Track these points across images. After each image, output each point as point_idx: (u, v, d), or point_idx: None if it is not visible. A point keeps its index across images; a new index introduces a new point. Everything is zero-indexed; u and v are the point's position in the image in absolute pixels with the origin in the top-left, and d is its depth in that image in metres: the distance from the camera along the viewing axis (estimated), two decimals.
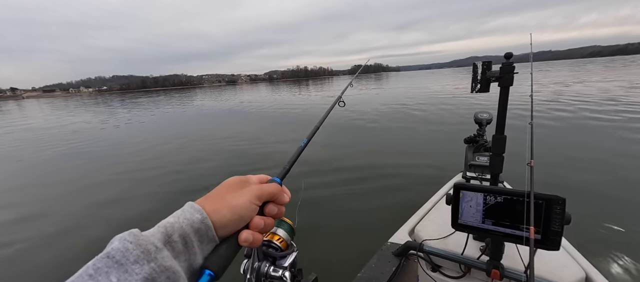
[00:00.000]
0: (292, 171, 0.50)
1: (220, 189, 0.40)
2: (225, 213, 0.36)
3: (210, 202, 0.37)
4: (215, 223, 0.35)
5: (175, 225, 0.32)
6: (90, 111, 22.62)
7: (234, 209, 0.37)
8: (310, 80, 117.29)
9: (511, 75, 1.11)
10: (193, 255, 0.33)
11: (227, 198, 0.38)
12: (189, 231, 0.33)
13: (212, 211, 0.36)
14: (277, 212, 0.42)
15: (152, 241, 0.29)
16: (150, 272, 0.28)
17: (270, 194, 0.41)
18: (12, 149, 8.60)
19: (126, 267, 0.27)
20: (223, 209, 0.36)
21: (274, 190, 0.42)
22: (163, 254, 0.29)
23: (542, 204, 0.87)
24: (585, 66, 44.97)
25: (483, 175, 1.82)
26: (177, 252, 0.31)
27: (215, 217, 0.35)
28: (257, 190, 0.40)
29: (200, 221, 0.34)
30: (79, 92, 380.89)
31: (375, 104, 13.30)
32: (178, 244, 0.32)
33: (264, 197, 0.40)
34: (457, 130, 6.56)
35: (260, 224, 0.39)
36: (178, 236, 0.32)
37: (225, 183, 0.41)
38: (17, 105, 52.67)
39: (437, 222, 1.44)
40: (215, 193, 0.39)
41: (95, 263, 0.27)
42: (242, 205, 0.38)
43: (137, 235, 0.29)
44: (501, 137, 1.16)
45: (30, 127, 14.26)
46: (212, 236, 0.35)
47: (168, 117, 14.83)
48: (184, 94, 48.76)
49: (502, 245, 1.02)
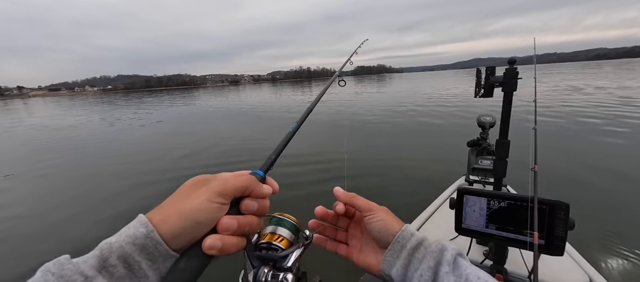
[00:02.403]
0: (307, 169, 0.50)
1: (176, 194, 0.33)
2: (174, 221, 0.30)
3: (161, 211, 0.31)
4: (165, 235, 0.29)
5: (114, 245, 0.28)
6: (100, 109, 22.86)
7: (186, 214, 0.31)
8: (313, 81, 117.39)
9: (515, 81, 1.11)
10: (143, 278, 0.28)
11: (179, 203, 0.32)
12: (131, 251, 0.28)
13: (160, 222, 0.30)
14: (258, 207, 0.36)
15: (82, 269, 0.25)
16: None
17: (237, 188, 0.34)
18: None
19: None
20: (172, 217, 0.30)
21: (243, 183, 0.35)
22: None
23: (546, 210, 0.87)
24: (592, 68, 44.53)
25: (486, 178, 1.82)
26: (116, 278, 0.27)
27: (164, 228, 0.30)
28: (218, 186, 0.33)
29: (144, 236, 0.29)
30: (84, 91, 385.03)
31: (377, 105, 13.30)
32: (118, 268, 0.27)
33: (230, 193, 0.33)
34: (460, 133, 6.54)
35: (232, 225, 0.32)
36: (117, 259, 0.27)
37: (182, 185, 0.34)
38: (24, 104, 53.38)
39: (440, 226, 1.45)
40: (169, 199, 0.33)
41: None
42: (197, 207, 0.31)
43: (63, 264, 0.25)
44: (505, 142, 1.17)
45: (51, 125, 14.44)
46: (164, 251, 0.29)
47: (189, 115, 14.95)
48: (187, 94, 49.05)
49: (506, 250, 1.02)
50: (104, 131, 11.04)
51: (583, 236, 2.35)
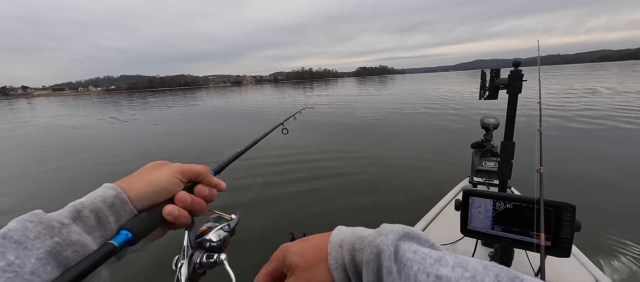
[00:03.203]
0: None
1: (140, 170, 0.39)
2: (142, 186, 0.36)
3: (127, 180, 0.37)
4: (131, 197, 0.34)
5: (86, 203, 0.32)
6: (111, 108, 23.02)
7: (151, 181, 0.36)
8: (314, 82, 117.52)
9: (519, 83, 1.12)
10: (109, 231, 0.32)
11: (145, 174, 0.38)
12: (102, 206, 0.32)
13: (127, 187, 0.35)
14: (208, 193, 0.41)
15: (57, 218, 0.29)
16: (53, 246, 0.27)
17: (194, 171, 0.40)
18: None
19: (26, 245, 0.26)
20: (139, 183, 0.36)
21: (199, 169, 0.41)
22: (70, 229, 0.29)
23: (552, 211, 0.87)
24: (597, 70, 44.21)
25: (490, 180, 1.82)
26: (89, 227, 0.31)
27: (131, 192, 0.35)
28: (179, 166, 0.40)
29: (114, 196, 0.33)
30: (87, 91, 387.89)
31: (380, 106, 13.30)
32: (90, 219, 0.31)
33: (187, 173, 0.40)
34: (464, 135, 6.52)
35: (187, 200, 0.38)
36: (89, 212, 0.31)
37: (147, 165, 0.40)
38: (28, 103, 53.88)
39: (445, 227, 1.45)
40: (134, 173, 0.38)
41: None
42: (161, 177, 0.37)
43: (39, 214, 0.29)
44: (510, 144, 1.17)
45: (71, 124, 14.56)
46: (129, 210, 0.34)
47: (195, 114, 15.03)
48: (190, 95, 49.26)
49: (512, 251, 1.02)
50: (124, 130, 11.13)
51: (589, 238, 2.34)
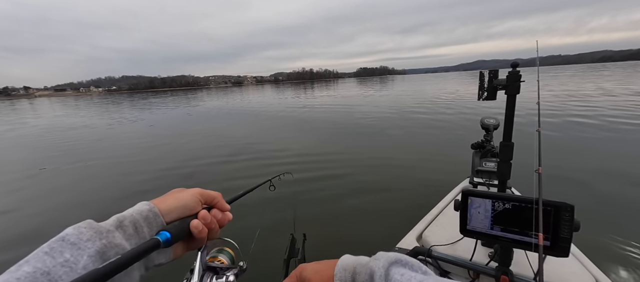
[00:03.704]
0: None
1: (168, 193, 0.47)
2: (170, 202, 0.43)
3: (160, 198, 0.44)
4: (162, 210, 0.41)
5: (126, 215, 0.39)
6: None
7: (178, 198, 0.44)
8: (315, 83, 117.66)
9: (518, 84, 1.12)
10: (143, 239, 0.38)
11: (173, 194, 0.45)
12: (139, 218, 0.39)
13: (159, 202, 0.42)
14: (222, 217, 0.48)
15: (105, 225, 0.35)
16: (101, 247, 0.32)
17: (210, 196, 0.48)
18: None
19: (79, 246, 0.31)
20: (169, 199, 0.44)
21: (214, 194, 0.48)
22: (114, 235, 0.35)
23: (550, 211, 0.88)
24: (599, 71, 44.09)
25: (490, 181, 1.82)
26: (128, 235, 0.37)
27: (162, 206, 0.42)
28: (198, 189, 0.47)
29: (148, 210, 0.40)
30: (89, 91, 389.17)
31: (378, 106, 13.30)
32: (129, 229, 0.37)
33: (205, 196, 0.47)
34: (464, 136, 6.51)
35: (207, 218, 0.44)
36: (129, 223, 0.38)
37: (172, 190, 0.48)
38: (30, 104, 54.10)
39: (445, 227, 1.45)
40: (164, 195, 0.46)
41: (50, 244, 0.31)
42: (185, 197, 0.44)
43: (91, 222, 0.35)
44: (508, 144, 1.17)
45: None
46: (160, 222, 0.41)
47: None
48: (191, 95, 49.35)
49: (511, 251, 1.03)
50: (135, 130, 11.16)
51: (589, 238, 2.34)
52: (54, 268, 0.28)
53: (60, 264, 0.29)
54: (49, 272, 0.28)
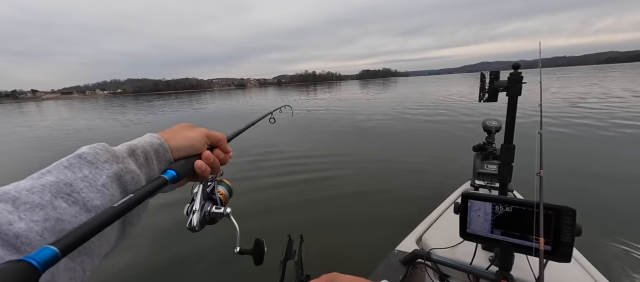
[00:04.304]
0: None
1: (175, 127, 0.47)
2: (180, 139, 0.43)
3: (168, 133, 0.44)
4: (172, 146, 0.42)
5: (138, 144, 0.38)
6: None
7: (186, 137, 0.44)
8: (318, 85, 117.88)
9: (519, 86, 1.11)
10: (152, 170, 0.39)
11: (181, 131, 0.45)
12: (150, 150, 0.39)
13: (169, 138, 0.42)
14: (224, 157, 0.50)
15: (119, 150, 0.35)
16: (118, 170, 0.33)
17: (216, 137, 0.49)
18: None
19: (97, 165, 0.32)
20: (178, 137, 0.43)
21: (219, 136, 0.50)
22: (129, 161, 0.35)
23: (552, 215, 0.86)
24: (606, 72, 43.56)
25: (492, 183, 1.80)
26: (139, 164, 0.37)
27: (172, 142, 0.42)
28: (205, 130, 0.48)
29: (158, 144, 0.40)
30: (94, 94, 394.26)
31: (379, 108, 13.27)
32: (140, 158, 0.37)
33: (211, 138, 0.48)
34: (466, 137, 6.46)
35: (211, 158, 0.46)
36: (141, 152, 0.38)
37: (179, 125, 0.48)
38: (36, 106, 54.91)
39: (445, 230, 1.43)
40: (172, 129, 0.46)
41: (68, 159, 0.31)
42: (194, 136, 0.45)
43: (106, 145, 0.35)
44: (510, 147, 1.16)
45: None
46: (169, 157, 0.41)
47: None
48: (195, 98, 49.71)
49: (512, 255, 1.01)
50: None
51: (592, 242, 2.29)
52: (75, 181, 0.29)
53: (80, 178, 0.30)
54: (71, 184, 0.29)
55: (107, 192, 0.31)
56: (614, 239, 2.43)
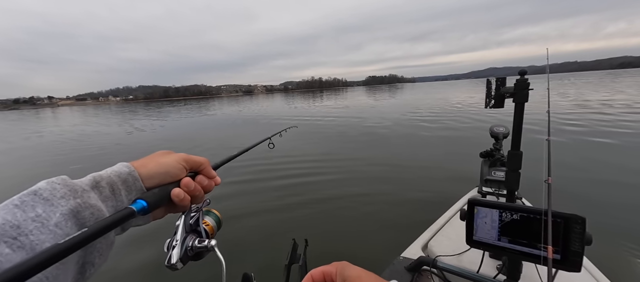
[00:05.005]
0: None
1: (151, 155, 0.44)
2: (152, 166, 0.40)
3: (141, 161, 0.41)
4: (142, 175, 0.39)
5: (104, 175, 0.36)
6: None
7: (160, 163, 0.41)
8: (324, 91, 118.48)
9: (526, 92, 1.10)
10: (120, 203, 0.36)
11: (156, 158, 0.42)
12: (117, 180, 0.36)
13: (140, 166, 0.40)
14: (207, 184, 0.46)
15: (80, 184, 0.33)
16: (74, 206, 0.30)
17: (196, 162, 0.45)
18: None
19: (52, 202, 0.29)
20: (150, 164, 0.41)
21: (201, 160, 0.46)
22: (89, 195, 0.33)
23: (560, 223, 0.84)
24: (621, 77, 42.39)
25: (500, 190, 1.77)
26: (104, 196, 0.35)
27: (142, 170, 0.39)
28: (184, 155, 0.44)
29: (127, 173, 0.38)
30: (107, 100, 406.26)
31: (386, 114, 13.23)
32: (105, 190, 0.35)
33: (190, 162, 0.44)
34: (473, 143, 6.37)
35: (190, 185, 0.42)
36: (106, 184, 0.35)
37: (156, 152, 0.45)
38: (52, 112, 56.90)
39: (451, 238, 1.42)
40: (147, 157, 0.43)
41: (21, 197, 0.28)
42: (169, 162, 0.42)
43: (66, 179, 0.32)
44: (517, 153, 1.15)
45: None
46: (139, 187, 0.38)
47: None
48: (204, 104, 50.63)
49: (520, 264, 0.99)
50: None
51: (605, 252, 2.21)
52: (24, 222, 0.26)
53: (31, 218, 0.27)
54: (19, 226, 0.26)
55: (60, 232, 0.28)
56: (628, 249, 2.34)
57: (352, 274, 0.35)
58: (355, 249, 2.70)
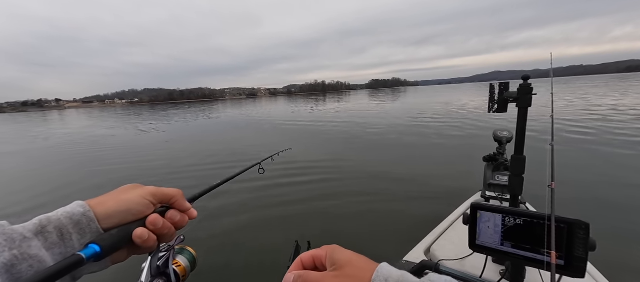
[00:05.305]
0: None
1: (115, 190, 0.39)
2: (111, 205, 0.36)
3: (99, 198, 0.37)
4: (99, 214, 0.34)
5: (52, 218, 0.32)
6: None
7: (122, 201, 0.36)
8: (327, 94, 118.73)
9: (529, 97, 1.11)
10: (70, 248, 0.32)
11: (118, 194, 0.38)
12: (67, 223, 0.32)
13: (97, 204, 0.35)
14: (180, 219, 0.40)
15: (20, 231, 0.29)
16: (10, 258, 0.27)
17: (166, 195, 0.40)
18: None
19: None
20: (109, 202, 0.36)
21: (172, 193, 0.41)
22: (30, 243, 0.29)
23: (564, 229, 0.84)
24: (627, 80, 41.90)
25: (503, 195, 1.76)
26: (50, 243, 0.31)
27: (100, 209, 0.35)
28: (152, 188, 0.39)
29: (81, 214, 0.33)
30: (113, 103, 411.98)
31: (390, 118, 13.21)
32: (52, 236, 0.31)
33: (159, 196, 0.39)
34: (476, 148, 6.33)
35: (158, 223, 0.37)
36: (53, 228, 0.31)
37: (122, 186, 0.40)
38: (59, 114, 57.76)
39: (454, 242, 1.41)
40: (109, 193, 0.39)
41: None
42: (132, 199, 0.37)
43: (3, 225, 0.29)
44: (520, 158, 1.15)
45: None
46: (95, 228, 0.34)
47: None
48: (208, 107, 51.04)
49: (523, 269, 0.99)
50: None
51: (609, 259, 2.18)
52: None
53: None
54: None
55: None
56: (632, 255, 2.30)
57: (342, 258, 0.35)
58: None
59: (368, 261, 0.35)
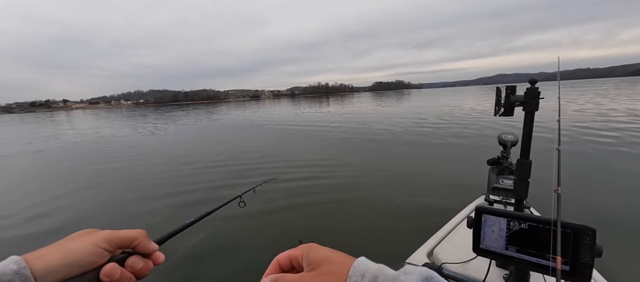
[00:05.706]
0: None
1: (63, 238, 0.33)
2: (54, 257, 0.30)
3: (42, 250, 0.31)
4: (37, 271, 0.29)
5: None
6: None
7: (67, 252, 0.31)
8: (330, 96, 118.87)
9: (536, 101, 1.10)
10: None
11: (64, 244, 0.32)
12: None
13: (36, 258, 0.29)
14: (142, 266, 0.35)
15: None
16: None
17: (125, 238, 0.35)
18: None
19: None
20: (52, 255, 0.30)
21: (133, 235, 0.35)
22: None
23: (570, 234, 0.83)
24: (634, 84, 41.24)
25: (507, 199, 1.74)
26: None
27: (39, 264, 0.29)
28: (107, 233, 0.34)
29: (13, 273, 0.27)
30: (119, 104, 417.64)
31: (394, 118, 13.17)
32: None
33: (116, 241, 0.34)
34: (481, 151, 6.27)
35: (115, 274, 0.32)
36: None
37: (74, 233, 0.34)
38: (66, 115, 58.68)
39: (457, 245, 1.40)
40: (56, 242, 0.33)
41: None
42: (80, 248, 0.31)
43: None
44: (526, 162, 1.14)
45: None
46: None
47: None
48: (212, 108, 51.42)
49: (528, 274, 0.97)
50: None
51: (617, 266, 2.14)
52: None
53: None
54: None
55: None
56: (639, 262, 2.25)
57: (318, 255, 0.33)
58: (360, 253, 2.67)
59: (345, 256, 0.34)
